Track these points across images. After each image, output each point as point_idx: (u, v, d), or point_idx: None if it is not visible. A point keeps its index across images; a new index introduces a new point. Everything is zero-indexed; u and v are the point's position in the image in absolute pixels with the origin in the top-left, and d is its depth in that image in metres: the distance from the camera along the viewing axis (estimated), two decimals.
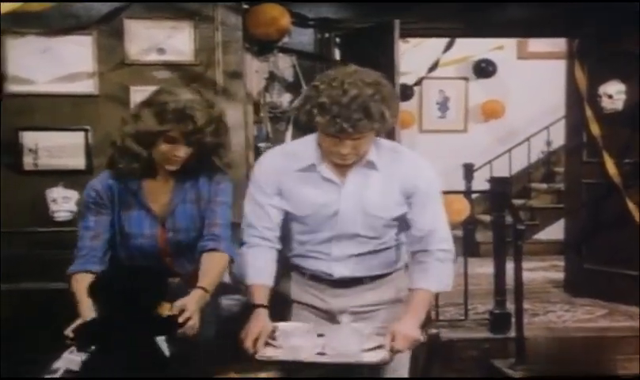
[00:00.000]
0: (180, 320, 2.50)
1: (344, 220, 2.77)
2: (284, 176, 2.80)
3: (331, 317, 2.90)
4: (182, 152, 2.74)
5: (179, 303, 2.57)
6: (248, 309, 2.79)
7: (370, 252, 2.84)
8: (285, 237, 2.90)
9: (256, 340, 2.64)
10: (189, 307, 2.57)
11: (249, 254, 2.84)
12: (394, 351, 2.66)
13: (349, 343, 2.56)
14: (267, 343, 2.63)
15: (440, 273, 2.81)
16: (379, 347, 2.62)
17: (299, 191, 2.79)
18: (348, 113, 2.53)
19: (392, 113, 2.62)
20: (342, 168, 2.75)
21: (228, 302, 3.10)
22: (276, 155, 2.89)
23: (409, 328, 2.70)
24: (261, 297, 2.78)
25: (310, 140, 2.80)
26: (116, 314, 2.27)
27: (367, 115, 2.54)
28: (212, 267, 2.78)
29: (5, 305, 4.56)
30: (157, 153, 2.74)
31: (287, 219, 2.86)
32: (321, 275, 2.88)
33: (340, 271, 2.85)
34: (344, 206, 2.76)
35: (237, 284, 2.93)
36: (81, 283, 2.62)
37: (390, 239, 2.87)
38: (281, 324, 2.70)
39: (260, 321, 2.70)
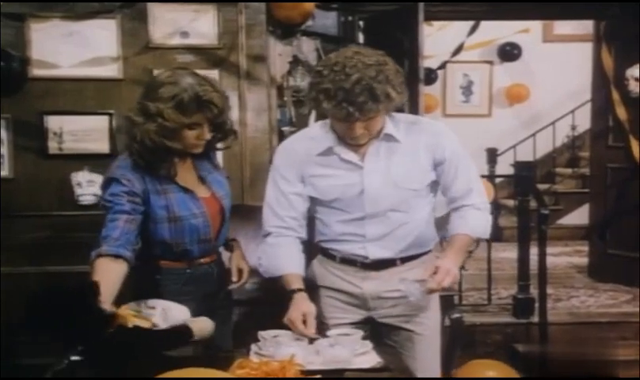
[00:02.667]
0: (243, 279, 2.95)
1: (372, 198, 2.76)
2: (305, 162, 2.80)
3: (363, 302, 2.89)
4: (208, 134, 2.79)
5: (235, 269, 2.94)
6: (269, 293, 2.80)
7: (403, 227, 2.81)
8: (314, 223, 2.91)
9: (304, 322, 2.66)
10: (243, 266, 2.97)
11: (275, 246, 2.85)
12: (434, 288, 2.67)
13: (341, 349, 2.53)
14: (255, 353, 2.57)
15: (478, 220, 2.84)
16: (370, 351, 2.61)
17: (322, 175, 2.79)
18: (352, 97, 2.54)
19: (397, 91, 2.62)
20: (360, 146, 2.75)
21: (249, 285, 3.11)
22: (296, 141, 2.89)
23: (452, 264, 2.71)
24: (297, 282, 2.79)
25: (327, 123, 2.80)
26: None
27: (372, 97, 2.55)
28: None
29: (32, 288, 4.61)
30: (182, 141, 2.75)
31: (315, 205, 2.86)
32: (355, 258, 2.86)
33: (374, 251, 2.82)
34: (368, 184, 2.75)
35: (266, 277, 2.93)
36: (109, 267, 2.59)
37: (423, 215, 2.85)
38: (266, 332, 2.64)
39: (302, 304, 2.71)
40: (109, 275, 2.58)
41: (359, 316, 2.91)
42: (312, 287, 2.89)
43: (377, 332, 2.90)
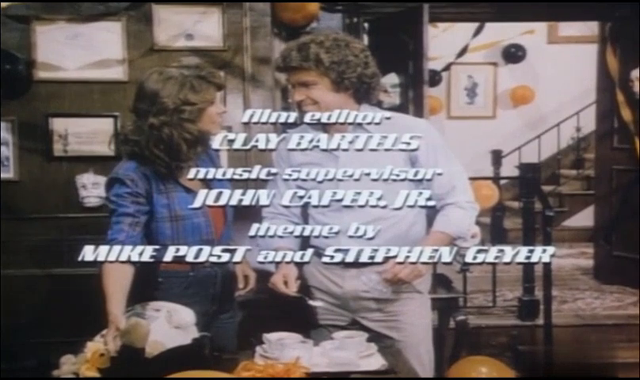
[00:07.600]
0: (249, 286, 2.93)
1: (346, 187, 2.76)
2: (293, 152, 2.87)
3: (345, 303, 2.90)
4: (223, 107, 2.87)
5: (240, 276, 2.92)
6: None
7: (378, 222, 2.78)
8: (306, 216, 2.95)
9: (285, 283, 2.74)
10: (249, 272, 2.94)
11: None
12: (388, 279, 2.70)
13: (346, 351, 2.54)
14: (260, 356, 2.57)
15: (459, 219, 2.84)
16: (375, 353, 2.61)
17: (304, 163, 2.85)
18: (289, 50, 2.77)
19: (333, 60, 2.72)
20: (336, 135, 2.78)
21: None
22: (292, 131, 2.97)
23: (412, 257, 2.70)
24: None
25: None
26: None
27: (302, 53, 2.73)
28: None
29: (38, 291, 4.62)
30: (207, 120, 2.77)
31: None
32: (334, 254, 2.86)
33: (347, 244, 2.79)
34: (342, 172, 2.76)
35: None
36: (116, 273, 2.59)
37: (404, 212, 2.82)
38: (272, 335, 2.63)
39: (284, 268, 2.78)
40: (118, 279, 2.58)
41: (344, 318, 2.92)
42: (305, 289, 2.91)
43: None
